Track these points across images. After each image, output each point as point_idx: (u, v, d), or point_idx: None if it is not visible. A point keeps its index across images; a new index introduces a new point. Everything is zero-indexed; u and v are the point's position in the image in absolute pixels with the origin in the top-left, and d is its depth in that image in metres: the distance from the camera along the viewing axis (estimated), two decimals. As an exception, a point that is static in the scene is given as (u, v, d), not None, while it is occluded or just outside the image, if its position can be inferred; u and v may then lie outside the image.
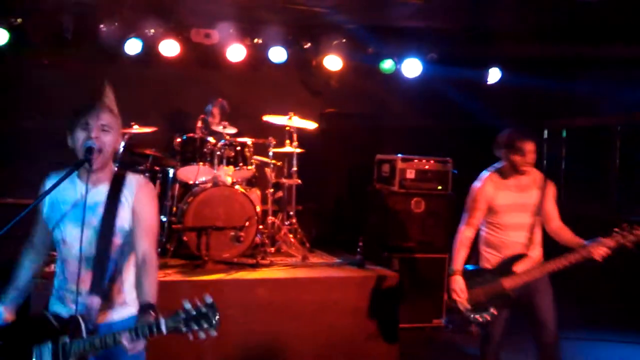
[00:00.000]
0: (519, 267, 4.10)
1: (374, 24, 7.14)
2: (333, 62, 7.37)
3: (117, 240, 2.68)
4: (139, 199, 2.71)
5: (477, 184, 4.30)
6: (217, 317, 2.29)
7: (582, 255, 3.97)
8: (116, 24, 6.61)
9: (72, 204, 2.68)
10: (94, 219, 2.66)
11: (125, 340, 2.37)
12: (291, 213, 6.49)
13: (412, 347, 5.88)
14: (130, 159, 6.18)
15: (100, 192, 2.69)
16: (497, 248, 4.20)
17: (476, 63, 7.63)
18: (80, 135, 2.64)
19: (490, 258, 4.22)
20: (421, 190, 6.62)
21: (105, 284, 2.65)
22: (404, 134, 7.60)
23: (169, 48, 6.78)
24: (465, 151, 7.24)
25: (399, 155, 6.66)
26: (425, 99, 7.76)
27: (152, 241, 2.70)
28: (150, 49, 6.77)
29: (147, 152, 6.26)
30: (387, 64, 7.48)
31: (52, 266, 2.84)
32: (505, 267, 4.13)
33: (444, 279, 6.49)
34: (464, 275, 4.11)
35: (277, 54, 7.12)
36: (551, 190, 4.30)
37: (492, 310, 4.06)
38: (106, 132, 2.66)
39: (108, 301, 2.68)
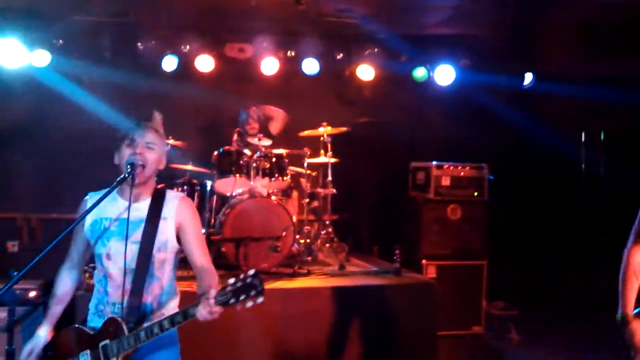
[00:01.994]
0: None
1: (406, 32, 7.15)
2: (366, 72, 7.41)
3: (160, 254, 2.79)
4: (182, 215, 2.82)
5: None
6: (262, 284, 2.36)
7: None
8: (153, 42, 6.79)
9: (115, 219, 2.79)
10: (137, 234, 2.76)
11: (166, 322, 2.52)
12: (327, 222, 6.54)
13: (451, 354, 5.86)
14: (168, 173, 6.33)
15: (141, 208, 2.80)
16: None
17: (510, 68, 7.58)
18: (126, 151, 2.75)
19: None
20: (457, 197, 6.60)
21: (144, 296, 2.75)
22: (438, 141, 7.59)
23: (204, 63, 6.92)
24: (501, 157, 7.21)
25: (434, 162, 6.65)
26: (459, 106, 7.72)
27: (205, 252, 2.85)
28: (186, 65, 6.93)
29: (185, 166, 6.42)
30: (420, 72, 7.48)
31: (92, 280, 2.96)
32: None
33: (482, 285, 6.47)
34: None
35: (310, 66, 7.19)
36: None
37: None
38: (150, 150, 2.77)
39: (147, 312, 2.77)
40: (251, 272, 2.39)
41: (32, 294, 5.53)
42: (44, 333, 2.84)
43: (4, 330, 5.24)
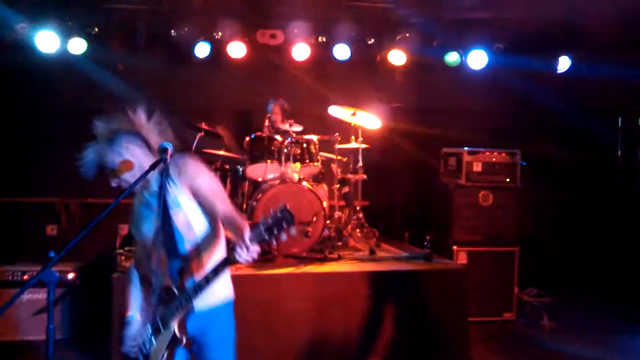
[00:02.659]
0: None
1: (438, 16, 7.09)
2: (397, 57, 7.36)
3: (178, 216, 2.83)
4: (185, 173, 2.84)
5: None
6: (292, 216, 2.44)
7: None
8: (186, 29, 6.86)
9: (142, 205, 2.92)
10: (155, 207, 2.84)
11: (211, 273, 2.64)
12: (358, 208, 6.56)
13: (483, 340, 5.86)
14: (202, 158, 6.41)
15: (153, 182, 2.91)
16: None
17: (545, 51, 7.46)
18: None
19: None
20: (489, 183, 6.55)
21: (180, 258, 2.84)
22: (470, 126, 7.53)
23: (236, 50, 6.97)
24: (534, 142, 7.12)
25: (466, 148, 6.61)
26: (492, 91, 7.64)
27: (224, 200, 2.86)
28: (218, 52, 6.99)
29: (217, 152, 6.50)
30: (452, 57, 7.40)
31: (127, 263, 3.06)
32: None
33: (514, 272, 6.43)
34: None
35: (341, 51, 7.18)
36: None
37: None
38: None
39: (189, 273, 2.84)
40: (280, 206, 2.46)
41: (70, 275, 5.72)
42: (138, 317, 2.95)
43: (43, 310, 5.48)
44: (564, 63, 7.48)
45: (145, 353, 2.83)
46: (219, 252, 2.92)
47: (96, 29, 6.62)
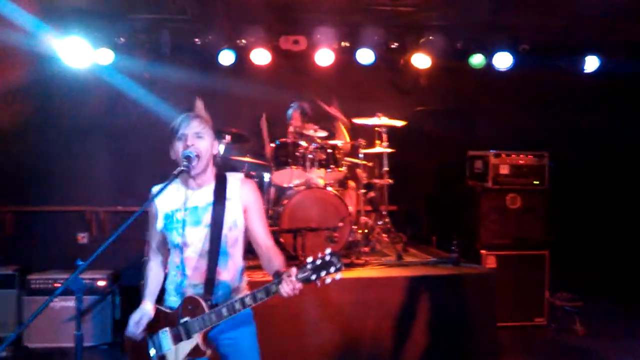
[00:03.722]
0: None
1: (462, 18, 7.04)
2: (421, 60, 7.32)
3: (231, 233, 2.94)
4: (246, 196, 2.97)
5: None
6: (340, 261, 2.53)
7: None
8: (210, 37, 6.92)
9: (184, 209, 2.95)
10: (207, 218, 2.92)
11: (248, 299, 2.68)
12: (384, 213, 6.53)
13: (513, 346, 5.78)
14: (227, 166, 6.46)
15: (207, 194, 2.96)
16: None
17: (571, 51, 7.35)
18: (179, 146, 2.89)
19: None
20: (516, 186, 6.48)
21: (222, 274, 2.92)
22: (496, 129, 7.46)
23: (260, 57, 7.01)
24: (563, 143, 7.03)
25: (492, 150, 6.54)
26: (518, 92, 7.56)
27: (268, 232, 3.02)
28: (242, 59, 7.03)
29: (243, 158, 6.54)
30: (477, 59, 7.34)
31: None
32: None
33: (545, 275, 6.33)
34: None
35: (365, 56, 7.16)
36: None
37: None
38: (200, 139, 2.90)
39: (226, 289, 2.93)
40: (328, 250, 2.55)
41: (101, 283, 5.80)
42: (149, 307, 2.99)
43: (73, 317, 5.56)
44: (591, 63, 7.36)
45: (160, 354, 2.87)
46: (246, 276, 3.07)
47: (122, 39, 6.71)
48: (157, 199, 2.95)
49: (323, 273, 2.53)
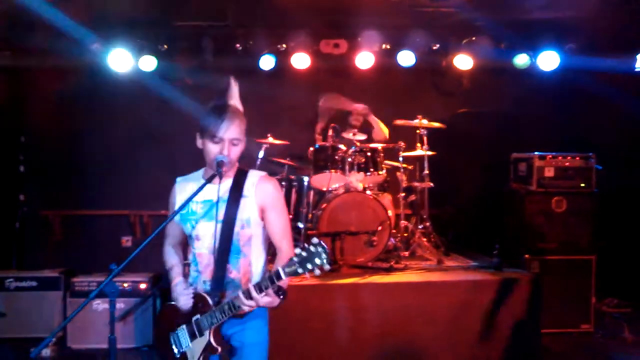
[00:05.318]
0: None
1: (505, 17, 6.88)
2: (464, 62, 7.19)
3: (244, 231, 2.89)
4: (263, 194, 2.90)
5: None
6: (326, 252, 2.44)
7: None
8: (251, 42, 6.98)
9: (200, 202, 2.92)
10: (220, 212, 2.87)
11: (241, 295, 2.63)
12: (425, 216, 6.45)
13: (559, 353, 5.62)
14: (267, 168, 6.50)
15: (224, 188, 2.91)
16: None
17: (621, 49, 7.10)
18: (212, 148, 2.85)
19: None
20: (562, 189, 6.29)
21: (232, 272, 2.88)
22: (541, 130, 7.28)
23: (300, 61, 7.01)
24: (610, 145, 6.79)
25: (536, 153, 6.39)
26: (565, 93, 7.36)
27: (285, 233, 2.93)
28: (282, 63, 7.05)
29: (283, 161, 6.57)
30: (521, 59, 7.16)
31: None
32: None
33: (591, 281, 6.14)
34: None
35: (406, 58, 7.08)
36: None
37: None
38: (236, 146, 2.87)
39: (234, 287, 2.87)
40: (315, 240, 2.46)
41: (143, 286, 5.90)
42: (183, 281, 2.99)
43: (118, 319, 5.68)
44: (642, 61, 7.10)
45: (182, 351, 2.88)
46: (261, 274, 2.97)
47: (165, 46, 6.83)
48: (178, 190, 3.01)
49: (309, 266, 2.44)
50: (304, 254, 2.46)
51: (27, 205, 7.29)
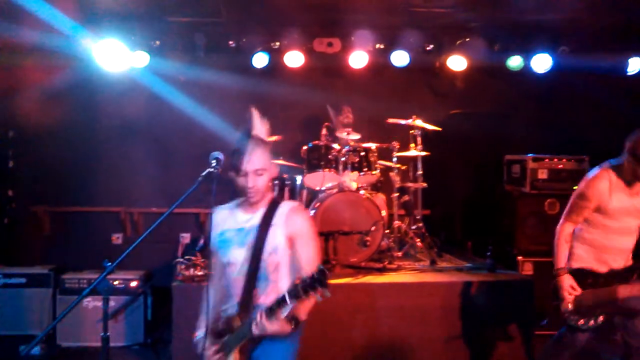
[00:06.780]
0: (636, 276, 3.89)
1: (499, 20, 6.89)
2: (457, 63, 7.18)
3: (271, 258, 2.98)
4: (293, 224, 2.99)
5: (590, 181, 4.00)
6: (326, 279, 2.49)
7: None
8: (244, 39, 6.93)
9: (234, 230, 3.05)
10: (250, 239, 2.98)
11: (257, 315, 2.70)
12: (418, 217, 6.43)
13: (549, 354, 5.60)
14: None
15: (256, 216, 3.02)
16: (600, 251, 3.98)
17: (613, 53, 7.13)
18: (240, 181, 2.97)
19: (585, 259, 4.00)
20: (555, 191, 6.30)
21: (260, 297, 2.93)
22: (535, 132, 7.28)
23: (294, 59, 6.97)
24: (603, 148, 6.79)
25: (530, 155, 6.39)
26: (557, 95, 7.38)
27: (309, 263, 2.92)
28: (276, 61, 7.01)
29: (276, 161, 6.52)
30: (515, 61, 7.17)
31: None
32: (621, 273, 3.91)
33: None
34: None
35: (400, 58, 7.05)
36: None
37: (600, 317, 3.88)
38: (260, 175, 2.96)
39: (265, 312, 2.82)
40: (319, 267, 2.52)
41: (133, 284, 5.84)
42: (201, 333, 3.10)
43: (109, 317, 5.62)
44: (634, 65, 7.13)
45: None
46: None
47: (157, 42, 6.76)
48: (216, 218, 3.13)
49: (312, 292, 2.50)
50: (307, 280, 2.51)
51: (16, 200, 7.21)
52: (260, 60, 6.91)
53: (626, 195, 3.90)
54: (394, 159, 6.40)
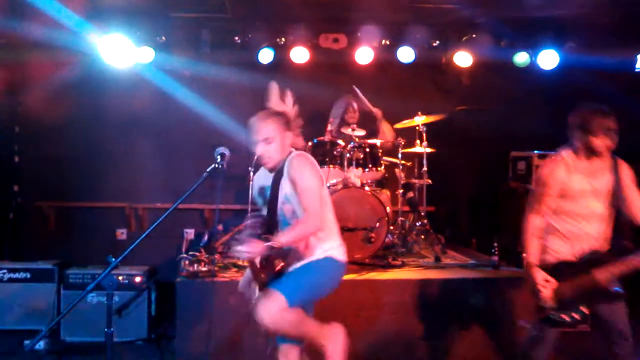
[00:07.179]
0: (609, 258, 3.63)
1: (506, 15, 6.86)
2: (463, 59, 7.16)
3: (285, 206, 3.37)
4: (292, 171, 3.31)
5: (547, 167, 3.86)
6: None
7: None
8: (250, 35, 6.92)
9: (265, 187, 3.53)
10: (269, 194, 3.48)
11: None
12: (422, 213, 6.42)
13: (555, 352, 5.57)
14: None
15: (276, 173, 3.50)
16: (570, 240, 3.78)
17: (621, 49, 7.08)
18: (254, 148, 3.40)
19: (560, 250, 3.79)
20: (561, 188, 6.26)
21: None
22: (540, 129, 7.23)
23: (299, 55, 6.96)
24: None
25: (536, 151, 6.36)
26: (564, 92, 7.31)
27: (307, 205, 3.28)
28: (281, 57, 7.00)
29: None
30: (521, 57, 7.15)
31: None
32: (593, 258, 3.68)
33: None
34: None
35: (406, 54, 7.04)
36: (626, 172, 3.82)
37: (582, 308, 3.66)
38: (270, 143, 3.31)
39: (291, 255, 3.36)
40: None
41: (138, 279, 5.84)
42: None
43: (114, 312, 5.62)
44: (642, 61, 7.08)
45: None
46: (324, 245, 3.46)
47: (163, 38, 6.75)
48: (254, 179, 3.77)
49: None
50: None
51: (21, 196, 7.22)
52: (265, 56, 6.90)
53: (584, 176, 3.75)
54: (399, 156, 6.38)
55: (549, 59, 7.03)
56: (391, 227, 5.97)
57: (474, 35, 7.07)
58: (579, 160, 3.78)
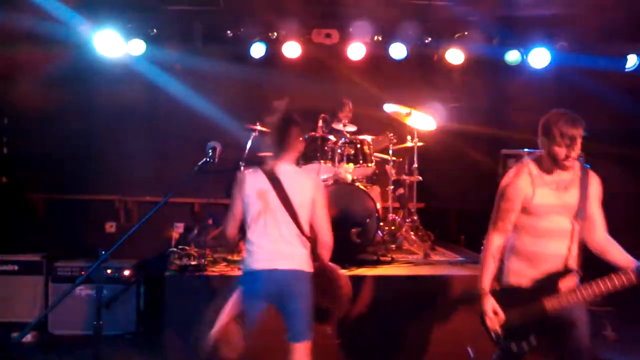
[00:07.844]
0: (564, 285, 3.31)
1: (498, 13, 6.88)
2: (455, 56, 7.18)
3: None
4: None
5: (508, 179, 3.45)
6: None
7: (630, 279, 3.26)
8: (242, 29, 6.89)
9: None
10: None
11: None
12: (412, 210, 6.43)
13: (540, 348, 5.61)
14: (256, 160, 6.44)
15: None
16: (532, 260, 3.39)
17: (612, 48, 7.12)
18: None
19: (522, 272, 3.42)
20: (550, 186, 6.28)
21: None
22: (532, 127, 7.25)
23: (291, 50, 6.95)
24: (600, 144, 6.81)
25: (526, 149, 6.38)
26: (555, 91, 7.35)
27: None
28: (273, 52, 6.99)
29: (272, 153, 6.48)
30: (513, 56, 7.16)
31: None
32: (548, 283, 3.32)
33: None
34: (494, 295, 3.38)
35: (398, 51, 7.06)
36: (595, 187, 3.44)
37: (532, 338, 3.36)
38: None
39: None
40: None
41: (126, 272, 5.82)
42: None
43: (102, 306, 5.59)
44: (632, 61, 7.12)
45: None
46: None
47: (154, 30, 6.72)
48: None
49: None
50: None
51: (9, 187, 7.16)
52: (257, 50, 6.89)
53: (552, 190, 3.35)
54: (390, 152, 6.39)
55: (540, 57, 7.06)
56: (381, 224, 5.98)
57: (465, 33, 7.09)
58: (545, 171, 3.41)
